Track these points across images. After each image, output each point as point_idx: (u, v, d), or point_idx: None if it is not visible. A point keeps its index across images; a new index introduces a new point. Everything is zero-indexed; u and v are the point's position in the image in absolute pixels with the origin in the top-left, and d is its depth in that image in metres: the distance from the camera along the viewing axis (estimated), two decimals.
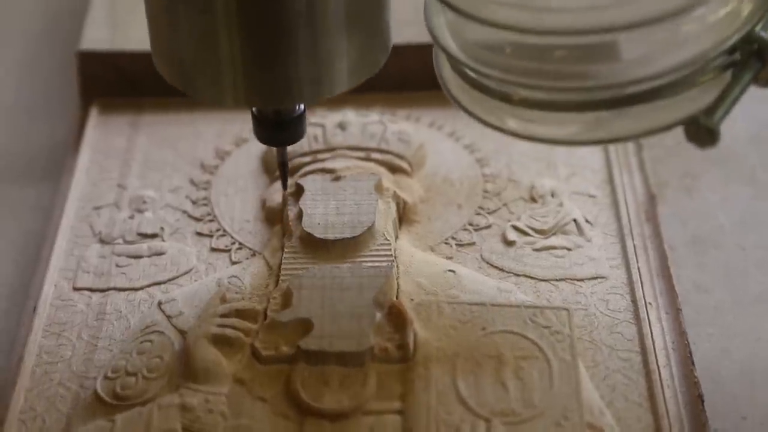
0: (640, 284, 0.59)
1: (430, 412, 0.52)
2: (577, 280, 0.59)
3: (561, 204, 0.63)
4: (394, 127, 0.66)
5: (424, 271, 0.59)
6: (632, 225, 0.62)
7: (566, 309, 0.56)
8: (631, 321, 0.57)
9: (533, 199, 0.64)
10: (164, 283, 0.60)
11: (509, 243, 0.61)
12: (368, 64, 0.54)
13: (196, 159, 0.68)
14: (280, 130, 0.56)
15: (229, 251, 0.62)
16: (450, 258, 0.61)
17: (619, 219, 0.62)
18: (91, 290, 0.60)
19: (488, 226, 0.62)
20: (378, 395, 0.53)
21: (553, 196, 0.64)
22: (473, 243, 0.62)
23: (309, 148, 0.65)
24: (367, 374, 0.53)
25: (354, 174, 0.63)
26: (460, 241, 0.62)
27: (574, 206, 0.63)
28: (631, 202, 0.63)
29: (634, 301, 0.58)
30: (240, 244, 0.62)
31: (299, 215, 0.61)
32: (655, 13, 0.46)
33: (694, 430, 0.52)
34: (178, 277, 0.60)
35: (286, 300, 0.56)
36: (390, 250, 0.59)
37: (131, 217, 0.64)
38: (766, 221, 0.65)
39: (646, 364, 0.55)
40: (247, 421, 0.52)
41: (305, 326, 0.55)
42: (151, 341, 0.56)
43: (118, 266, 0.61)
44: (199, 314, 0.57)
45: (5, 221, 0.67)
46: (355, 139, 0.65)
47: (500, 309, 0.56)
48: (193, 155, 0.68)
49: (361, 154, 0.65)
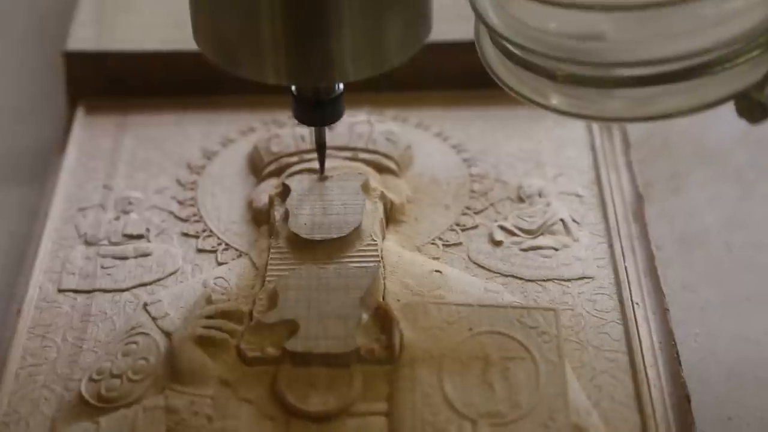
0: (627, 284, 0.59)
1: (416, 414, 0.52)
2: (565, 281, 0.59)
3: (548, 204, 0.63)
4: (381, 127, 0.66)
5: (410, 272, 0.59)
6: (619, 225, 0.62)
7: (553, 309, 0.56)
8: (618, 321, 0.57)
9: (520, 199, 0.64)
10: (150, 284, 0.60)
11: (496, 243, 0.61)
12: (411, 41, 0.54)
13: (182, 159, 0.67)
14: (319, 109, 0.57)
15: (215, 252, 0.62)
16: (437, 258, 0.60)
17: (606, 219, 0.62)
18: (76, 292, 0.60)
19: (475, 227, 0.62)
20: (364, 396, 0.53)
21: (540, 196, 0.64)
22: (460, 243, 0.61)
23: (296, 148, 0.65)
24: (353, 375, 0.53)
25: (341, 174, 0.63)
26: (447, 241, 0.62)
27: (562, 206, 0.63)
28: (618, 202, 0.63)
29: (621, 302, 0.58)
30: (226, 244, 0.62)
31: (286, 216, 0.61)
32: None
33: (681, 431, 0.52)
34: (163, 278, 0.60)
35: (272, 301, 0.56)
36: (377, 250, 0.59)
37: (117, 219, 0.63)
38: (753, 221, 0.65)
39: (632, 364, 0.55)
40: (233, 423, 0.52)
41: (291, 327, 0.55)
42: (136, 343, 0.56)
43: (103, 267, 0.61)
44: (184, 316, 0.57)
45: None
46: (343, 139, 0.65)
47: (487, 310, 0.56)
48: (179, 156, 0.68)
49: (349, 154, 0.64)
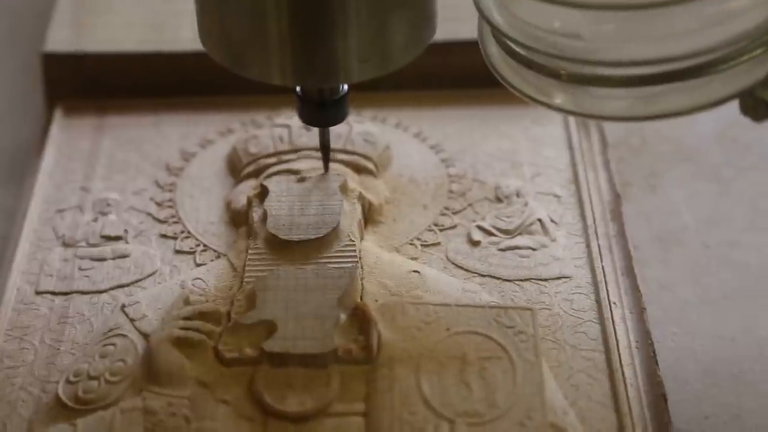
0: (604, 284, 0.59)
1: (394, 413, 0.52)
2: (542, 280, 0.59)
3: (526, 204, 0.63)
4: (359, 127, 0.66)
5: (388, 272, 0.59)
6: (597, 224, 0.62)
7: (530, 309, 0.56)
8: (595, 320, 0.57)
9: (498, 199, 0.64)
10: (128, 285, 0.60)
11: (474, 243, 0.61)
12: (416, 42, 0.54)
13: (160, 161, 0.67)
14: (324, 109, 0.57)
15: (193, 253, 0.62)
16: (415, 258, 0.61)
17: (584, 218, 0.62)
18: (53, 293, 0.59)
19: (453, 227, 0.62)
20: (342, 397, 0.53)
21: (518, 196, 0.64)
22: (438, 243, 0.62)
23: (274, 148, 0.65)
24: (331, 376, 0.53)
25: (319, 175, 0.63)
26: (426, 241, 0.62)
27: (539, 206, 0.63)
28: (596, 201, 0.64)
29: (598, 301, 0.58)
30: (204, 246, 0.62)
31: (264, 217, 0.61)
32: None
33: (657, 430, 0.53)
34: (141, 279, 0.60)
35: (251, 302, 0.56)
36: (355, 251, 0.59)
37: (95, 220, 0.63)
38: (730, 219, 0.65)
39: (609, 363, 0.55)
40: (211, 424, 0.52)
41: (269, 328, 0.55)
42: (114, 344, 0.56)
43: (81, 269, 0.61)
44: (162, 317, 0.57)
45: None
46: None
47: (464, 309, 0.56)
48: (157, 157, 0.68)
49: None
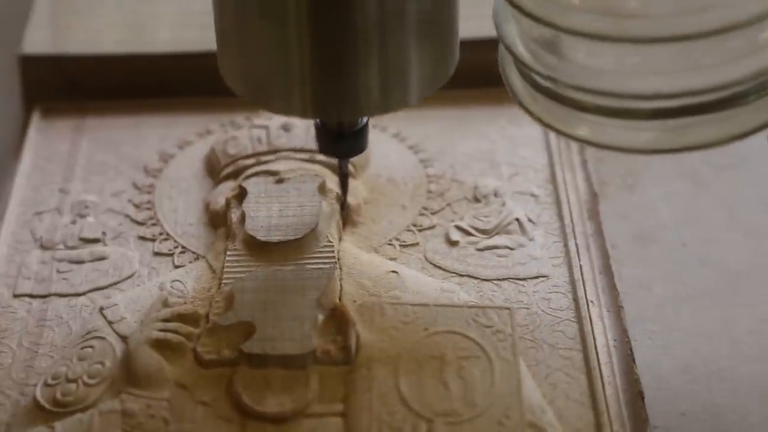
0: (581, 282, 0.59)
1: (372, 414, 0.52)
2: (520, 280, 0.59)
3: (504, 204, 0.63)
4: None
5: (367, 273, 0.59)
6: (574, 223, 0.62)
7: (508, 308, 0.56)
8: (572, 319, 0.57)
9: (476, 199, 0.64)
10: (106, 288, 0.60)
11: (452, 243, 0.62)
12: (439, 74, 0.54)
13: (139, 162, 0.67)
14: (343, 141, 0.57)
15: (172, 255, 0.62)
16: (394, 259, 0.61)
17: (561, 218, 0.63)
18: (31, 296, 0.59)
19: (432, 227, 0.63)
20: (320, 398, 0.53)
21: (496, 195, 0.64)
22: (417, 243, 0.62)
23: (252, 150, 0.65)
24: (310, 376, 0.53)
25: (298, 176, 0.63)
26: (404, 241, 0.62)
27: (517, 206, 0.63)
28: (573, 200, 0.64)
29: (576, 300, 0.58)
30: (183, 247, 0.62)
31: (242, 218, 0.61)
32: (734, 20, 0.46)
33: (635, 427, 0.53)
34: (120, 281, 0.60)
35: (229, 303, 0.56)
36: (333, 252, 0.59)
37: (73, 222, 0.63)
38: (707, 217, 0.66)
39: (587, 362, 0.55)
40: (189, 426, 0.52)
41: (247, 329, 0.55)
42: (92, 347, 0.56)
43: (59, 272, 0.61)
44: (141, 319, 0.57)
45: None
46: (299, 140, 0.65)
47: (443, 309, 0.56)
48: (136, 159, 0.68)
49: (305, 155, 0.65)
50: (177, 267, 0.61)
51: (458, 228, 0.62)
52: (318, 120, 0.57)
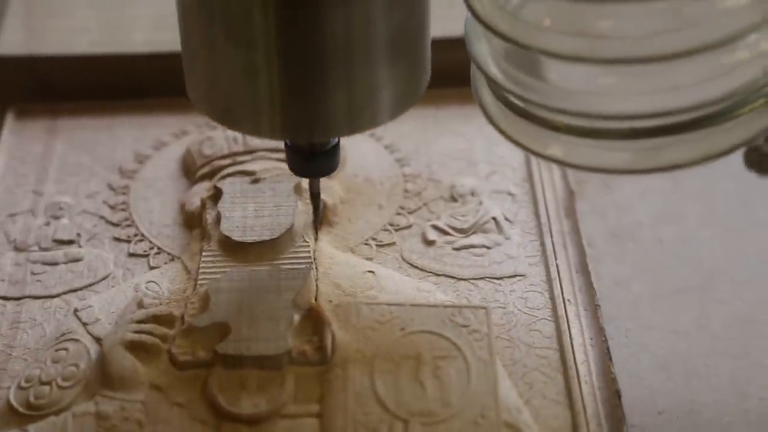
0: (558, 281, 0.59)
1: (348, 414, 0.52)
2: (497, 279, 0.59)
3: (480, 203, 0.63)
4: None
5: (343, 273, 0.59)
6: (551, 222, 0.62)
7: (484, 308, 0.56)
8: (549, 318, 0.57)
9: (453, 199, 0.64)
10: (81, 289, 0.59)
11: (429, 242, 0.61)
12: (409, 94, 0.53)
13: (114, 163, 0.67)
14: (314, 161, 0.56)
15: (147, 256, 0.61)
16: (370, 259, 0.60)
17: (538, 216, 0.63)
18: (5, 299, 0.59)
19: (408, 226, 0.62)
20: (296, 398, 0.53)
21: (473, 194, 0.64)
22: (393, 243, 0.61)
23: (228, 150, 0.65)
24: (285, 377, 0.53)
25: (273, 176, 0.63)
26: (381, 241, 0.62)
27: (494, 204, 0.63)
28: (550, 199, 0.64)
29: (553, 299, 0.58)
30: (158, 248, 0.62)
31: (218, 219, 0.60)
32: (708, 41, 0.45)
33: (612, 426, 0.53)
34: (95, 283, 0.60)
35: (204, 304, 0.56)
36: (309, 251, 0.59)
37: (47, 224, 0.63)
38: (683, 215, 0.66)
39: (563, 361, 0.55)
40: (164, 428, 0.52)
41: (223, 330, 0.54)
42: (66, 349, 0.55)
43: (33, 274, 0.60)
44: (115, 321, 0.56)
45: None
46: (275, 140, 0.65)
47: (419, 309, 0.56)
48: (111, 160, 0.67)
49: (281, 155, 0.64)
50: (152, 268, 0.60)
51: (435, 227, 0.62)
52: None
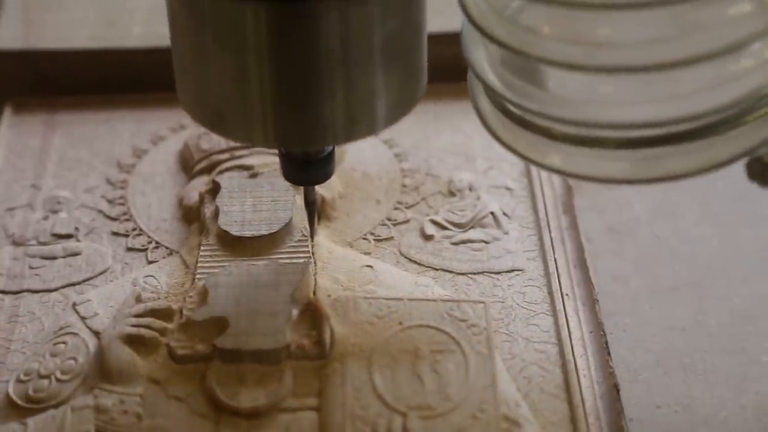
0: (556, 276, 0.59)
1: (346, 408, 0.52)
2: (495, 273, 0.59)
3: (479, 197, 0.63)
4: None
5: (341, 267, 0.59)
6: (549, 217, 0.62)
7: (482, 302, 0.56)
8: (547, 313, 0.57)
9: (451, 193, 0.64)
10: (79, 283, 0.59)
11: (427, 237, 0.61)
12: (405, 102, 0.52)
13: (112, 158, 0.67)
14: (308, 169, 0.54)
15: (145, 250, 0.61)
16: (368, 253, 0.61)
17: (536, 211, 0.63)
18: (3, 293, 0.59)
19: (407, 221, 0.62)
20: (294, 392, 0.53)
21: (471, 189, 0.64)
22: (392, 238, 0.62)
23: (226, 144, 0.65)
24: (284, 371, 0.53)
25: (271, 170, 0.63)
26: (379, 236, 0.62)
27: (492, 199, 0.63)
28: (548, 194, 0.64)
29: (551, 293, 0.58)
30: (157, 243, 0.62)
31: (216, 213, 0.60)
32: (708, 49, 0.44)
33: (610, 420, 0.53)
34: (93, 277, 0.60)
35: (203, 298, 0.56)
36: (307, 246, 0.59)
37: (45, 218, 0.63)
38: (680, 210, 0.66)
39: (562, 355, 0.55)
40: (163, 421, 0.52)
41: (221, 324, 0.55)
42: (64, 343, 0.55)
43: (31, 268, 0.60)
44: (114, 315, 0.56)
45: None
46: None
47: (417, 303, 0.56)
48: (109, 154, 0.67)
49: None
50: (150, 262, 0.60)
51: (433, 222, 0.62)
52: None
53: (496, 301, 0.58)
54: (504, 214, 0.63)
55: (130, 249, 0.61)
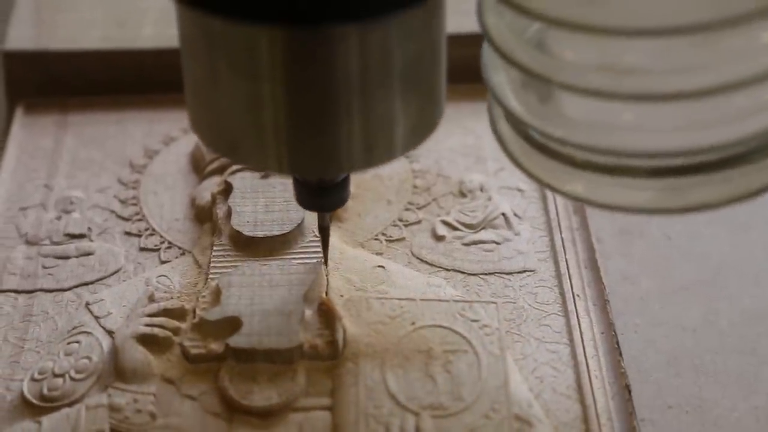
0: (568, 276, 0.59)
1: (359, 407, 0.52)
2: (506, 274, 0.59)
3: (490, 198, 0.63)
4: None
5: (353, 268, 0.59)
6: (560, 218, 0.63)
7: (494, 302, 0.56)
8: (559, 313, 0.57)
9: (462, 194, 0.64)
10: (92, 283, 0.59)
11: (439, 238, 0.62)
12: (424, 127, 0.50)
13: (124, 158, 0.67)
14: (323, 195, 0.53)
15: (158, 250, 0.61)
16: (380, 254, 0.61)
17: (547, 212, 0.63)
18: (17, 292, 0.59)
19: (418, 222, 0.63)
20: (307, 392, 0.53)
21: (482, 190, 0.64)
22: (403, 238, 0.62)
23: None
24: (297, 371, 0.53)
25: None
26: (390, 236, 0.62)
27: (503, 200, 0.63)
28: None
29: (562, 294, 0.58)
30: (169, 243, 0.62)
31: (228, 213, 0.61)
32: (738, 78, 0.43)
33: (622, 420, 0.53)
34: (106, 277, 0.60)
35: (216, 298, 0.56)
36: (319, 246, 0.59)
37: (58, 218, 0.63)
38: None
39: (574, 355, 0.55)
40: (176, 420, 0.52)
41: (234, 324, 0.55)
42: (78, 342, 0.56)
43: (44, 267, 0.60)
44: (127, 314, 0.56)
45: None
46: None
47: (429, 304, 0.56)
48: (121, 154, 0.67)
49: None
50: (163, 262, 0.61)
51: (444, 223, 0.62)
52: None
53: (508, 302, 0.58)
54: (515, 215, 0.63)
55: (142, 249, 0.62)
